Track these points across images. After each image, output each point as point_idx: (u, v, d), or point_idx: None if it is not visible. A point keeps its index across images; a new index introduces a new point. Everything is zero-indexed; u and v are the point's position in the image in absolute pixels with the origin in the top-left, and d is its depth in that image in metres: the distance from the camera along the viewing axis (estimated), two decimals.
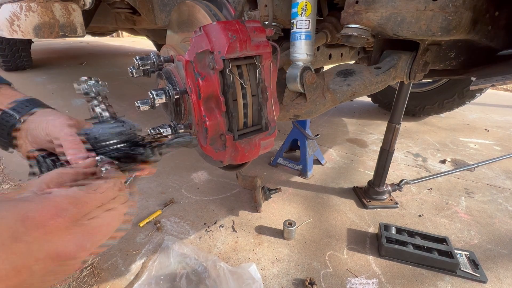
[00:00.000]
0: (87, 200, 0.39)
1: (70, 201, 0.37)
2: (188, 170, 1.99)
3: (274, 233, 1.44)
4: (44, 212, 0.34)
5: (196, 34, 0.66)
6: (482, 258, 1.32)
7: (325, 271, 1.24)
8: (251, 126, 0.75)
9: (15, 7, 1.31)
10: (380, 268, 1.26)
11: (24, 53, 4.47)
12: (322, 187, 1.84)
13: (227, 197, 1.72)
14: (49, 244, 0.34)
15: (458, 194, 1.80)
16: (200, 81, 0.65)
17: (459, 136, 2.71)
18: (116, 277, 1.19)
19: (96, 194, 0.40)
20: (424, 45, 0.88)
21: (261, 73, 0.71)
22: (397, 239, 1.32)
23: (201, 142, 0.74)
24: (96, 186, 0.41)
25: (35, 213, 0.34)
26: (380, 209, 1.63)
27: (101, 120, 0.54)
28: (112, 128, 0.52)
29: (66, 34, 1.39)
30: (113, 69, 5.19)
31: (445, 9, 0.71)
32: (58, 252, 0.35)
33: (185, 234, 1.42)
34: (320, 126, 2.86)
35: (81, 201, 0.38)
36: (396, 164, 2.16)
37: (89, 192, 0.39)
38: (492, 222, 1.56)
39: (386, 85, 0.95)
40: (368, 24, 0.79)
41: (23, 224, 0.33)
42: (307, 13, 0.80)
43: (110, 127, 0.52)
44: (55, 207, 0.35)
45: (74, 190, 0.38)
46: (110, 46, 8.57)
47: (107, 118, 0.54)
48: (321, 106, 0.91)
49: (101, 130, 0.51)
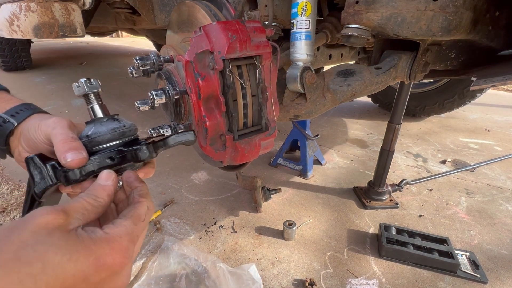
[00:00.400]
0: (138, 233, 0.39)
1: (129, 240, 0.37)
2: (188, 170, 1.99)
3: (274, 234, 1.44)
4: (115, 257, 0.34)
5: (196, 34, 0.65)
6: (483, 259, 1.32)
7: (325, 272, 1.24)
8: (251, 126, 0.75)
9: (14, 7, 1.31)
10: (380, 269, 1.26)
11: (23, 53, 4.47)
12: (322, 188, 1.83)
13: (227, 197, 1.72)
14: (114, 283, 0.36)
15: (459, 195, 1.80)
16: (200, 81, 0.65)
17: (460, 136, 2.71)
18: None
19: (141, 223, 0.40)
20: (425, 45, 0.88)
21: (261, 73, 0.70)
22: (398, 240, 1.32)
23: (201, 142, 0.74)
24: (142, 216, 0.41)
25: (106, 257, 0.34)
26: (380, 210, 1.63)
27: (94, 119, 0.51)
28: (105, 125, 0.50)
29: (66, 34, 1.38)
30: (113, 69, 5.19)
31: (445, 9, 0.71)
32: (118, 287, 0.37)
33: (185, 235, 1.42)
34: (320, 127, 2.85)
35: (136, 236, 0.39)
36: (396, 164, 2.16)
37: (138, 224, 0.40)
38: (493, 222, 1.56)
39: (386, 85, 0.95)
40: (368, 24, 0.79)
41: (96, 270, 0.33)
42: (307, 13, 0.79)
43: (102, 124, 0.50)
44: (122, 250, 0.35)
45: (125, 224, 0.38)
46: (110, 46, 8.57)
47: (100, 116, 0.51)
48: (321, 106, 0.91)
49: (93, 128, 0.49)
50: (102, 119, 0.51)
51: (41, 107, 0.55)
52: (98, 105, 0.52)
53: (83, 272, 0.32)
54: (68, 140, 0.45)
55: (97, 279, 0.33)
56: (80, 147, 0.45)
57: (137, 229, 0.39)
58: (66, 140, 0.44)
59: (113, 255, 0.34)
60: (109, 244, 0.35)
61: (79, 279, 0.31)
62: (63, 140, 0.44)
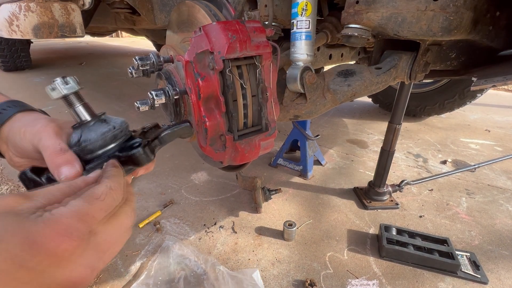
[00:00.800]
0: (90, 211, 0.34)
1: (79, 219, 0.32)
2: (188, 170, 1.99)
3: (274, 234, 1.44)
4: (52, 235, 0.30)
5: (196, 34, 0.65)
6: (483, 259, 1.31)
7: (325, 272, 1.23)
8: (251, 126, 0.75)
9: (14, 7, 1.31)
10: (381, 269, 1.25)
11: (23, 53, 4.47)
12: (323, 188, 1.83)
13: (227, 198, 1.71)
14: (62, 271, 0.31)
15: (459, 195, 1.80)
16: (200, 81, 0.65)
17: (460, 136, 2.71)
18: (115, 278, 1.18)
19: (97, 202, 0.35)
20: (425, 45, 0.88)
21: (261, 74, 0.70)
22: (398, 240, 1.32)
23: (201, 142, 0.74)
24: (94, 193, 0.36)
25: (42, 236, 0.29)
26: (380, 210, 1.63)
27: (80, 123, 0.46)
28: (94, 129, 0.45)
29: (66, 34, 1.38)
30: (112, 69, 5.19)
31: (446, 9, 0.71)
32: (71, 279, 0.31)
33: (184, 235, 1.41)
34: (321, 127, 2.85)
35: (87, 214, 0.33)
36: (397, 164, 2.16)
37: (92, 203, 0.35)
38: (493, 223, 1.56)
39: (386, 85, 0.95)
40: (369, 24, 0.79)
41: (30, 250, 0.28)
42: (307, 13, 0.79)
43: (90, 129, 0.45)
44: (63, 229, 0.30)
45: (75, 203, 0.33)
46: (110, 46, 8.58)
47: (86, 119, 0.46)
48: (321, 107, 0.91)
49: (82, 135, 0.45)
50: (89, 123, 0.46)
51: (40, 108, 0.53)
52: (81, 106, 0.46)
53: (11, 253, 0.27)
54: (58, 153, 0.42)
55: (35, 264, 0.28)
56: (72, 159, 0.43)
57: (92, 208, 0.34)
58: (56, 154, 0.42)
59: (52, 235, 0.29)
60: (50, 224, 0.30)
61: (11, 263, 0.27)
62: (54, 154, 0.42)
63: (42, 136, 0.43)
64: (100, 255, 0.35)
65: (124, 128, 0.48)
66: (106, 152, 0.46)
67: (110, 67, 5.37)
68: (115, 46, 8.65)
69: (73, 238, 0.31)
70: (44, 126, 0.45)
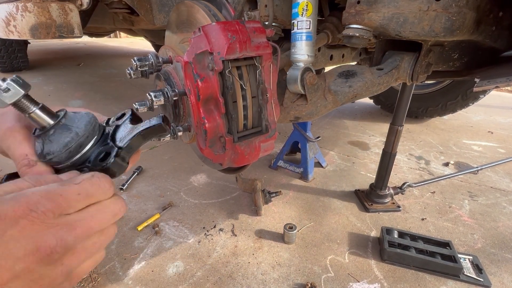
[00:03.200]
0: (63, 193, 0.36)
1: (44, 196, 0.34)
2: (187, 173, 1.98)
3: (274, 237, 1.42)
4: (17, 208, 0.32)
5: (195, 35, 0.64)
6: (486, 263, 1.30)
7: (326, 276, 1.22)
8: (251, 128, 0.74)
9: (11, 7, 1.31)
10: (382, 273, 1.24)
11: (20, 54, 4.44)
12: (323, 190, 1.82)
13: (227, 200, 1.70)
14: (27, 240, 0.32)
15: (462, 197, 1.78)
16: (199, 82, 0.64)
17: (463, 138, 2.70)
18: (113, 282, 1.17)
19: (72, 185, 0.37)
20: (427, 46, 0.87)
21: (261, 74, 0.69)
22: (400, 243, 1.31)
23: (200, 144, 0.73)
24: (73, 178, 0.38)
25: (7, 211, 0.31)
26: (382, 213, 1.61)
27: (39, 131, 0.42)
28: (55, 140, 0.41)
29: (63, 35, 1.37)
30: (110, 70, 5.19)
31: (448, 9, 0.70)
32: (37, 246, 0.32)
33: (184, 238, 1.40)
34: (321, 128, 2.84)
35: (56, 194, 0.35)
36: (399, 166, 2.14)
37: (68, 186, 0.37)
38: (496, 225, 1.54)
39: (388, 86, 0.94)
40: (370, 24, 0.78)
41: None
42: (308, 13, 0.78)
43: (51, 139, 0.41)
44: (29, 203, 0.33)
45: (51, 185, 0.36)
46: (108, 46, 8.59)
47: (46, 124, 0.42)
48: (322, 108, 0.90)
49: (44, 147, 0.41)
50: (48, 132, 0.41)
51: None
52: (37, 110, 0.40)
53: None
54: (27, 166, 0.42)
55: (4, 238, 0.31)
56: (42, 170, 0.42)
57: (64, 189, 0.36)
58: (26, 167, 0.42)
59: (15, 207, 0.32)
60: (15, 199, 0.33)
61: None
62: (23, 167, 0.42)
63: (10, 144, 0.42)
64: (71, 230, 0.35)
65: (89, 133, 0.44)
66: (75, 162, 0.43)
67: (108, 68, 5.36)
68: (113, 46, 8.66)
69: (36, 211, 0.33)
70: (10, 129, 0.43)
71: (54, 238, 0.34)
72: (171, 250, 1.33)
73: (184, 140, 0.84)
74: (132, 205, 1.62)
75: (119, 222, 1.48)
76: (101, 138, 0.45)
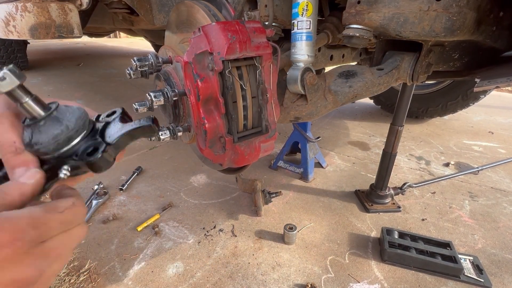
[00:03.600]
0: (47, 221, 0.35)
1: (29, 223, 0.33)
2: (187, 173, 1.97)
3: (274, 238, 1.42)
4: (2, 235, 0.30)
5: (195, 35, 0.64)
6: (486, 263, 1.29)
7: (326, 276, 1.22)
8: (251, 128, 0.74)
9: (10, 7, 1.31)
10: (383, 273, 1.24)
11: (20, 54, 4.43)
12: (323, 191, 1.82)
13: (227, 200, 1.70)
14: (5, 271, 0.31)
15: (462, 198, 1.78)
16: (199, 82, 0.64)
17: (463, 138, 2.69)
18: (113, 282, 1.17)
19: (56, 214, 0.36)
20: (427, 46, 0.86)
21: (261, 75, 0.69)
22: (400, 244, 1.30)
23: (200, 144, 0.73)
24: (56, 205, 0.37)
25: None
26: (382, 213, 1.61)
27: (29, 121, 0.42)
28: (45, 131, 0.41)
29: (63, 35, 1.37)
30: (110, 70, 5.19)
31: (448, 9, 0.70)
32: (15, 278, 0.32)
33: (183, 239, 1.40)
34: (322, 129, 2.84)
35: (41, 222, 0.34)
36: (399, 167, 2.14)
37: (49, 212, 0.36)
38: (497, 226, 1.54)
39: (388, 86, 0.94)
40: (370, 24, 0.78)
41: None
42: (308, 13, 0.78)
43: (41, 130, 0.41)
44: (14, 230, 0.31)
45: (33, 210, 0.35)
46: (107, 47, 8.58)
47: (37, 115, 0.41)
48: (322, 108, 0.90)
49: (33, 136, 0.41)
50: (39, 123, 0.41)
51: None
52: (30, 100, 0.40)
53: None
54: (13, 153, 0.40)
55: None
56: (28, 160, 0.40)
57: (48, 217, 0.35)
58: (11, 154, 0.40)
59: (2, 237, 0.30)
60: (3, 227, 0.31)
61: None
62: (9, 154, 0.40)
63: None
64: (48, 260, 0.35)
65: (79, 127, 0.44)
66: (62, 155, 0.42)
67: (108, 68, 5.36)
68: (113, 47, 8.64)
69: (21, 240, 0.32)
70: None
71: (32, 268, 0.33)
72: (171, 251, 1.32)
73: (184, 140, 0.84)
74: (132, 206, 1.61)
75: (119, 223, 1.48)
76: (91, 133, 0.45)
